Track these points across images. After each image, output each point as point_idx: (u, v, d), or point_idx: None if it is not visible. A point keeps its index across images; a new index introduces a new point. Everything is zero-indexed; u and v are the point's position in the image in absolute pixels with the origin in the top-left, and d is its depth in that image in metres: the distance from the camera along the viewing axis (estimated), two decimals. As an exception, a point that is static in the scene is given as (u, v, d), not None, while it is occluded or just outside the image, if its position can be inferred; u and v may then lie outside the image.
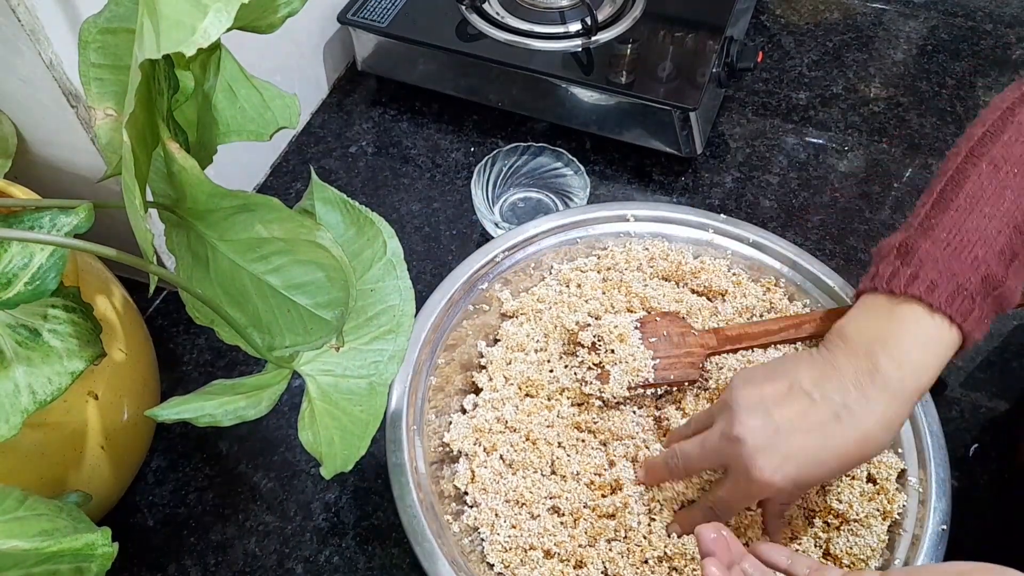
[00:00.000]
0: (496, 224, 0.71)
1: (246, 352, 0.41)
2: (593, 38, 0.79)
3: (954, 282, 0.47)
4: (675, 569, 0.52)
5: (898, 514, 0.53)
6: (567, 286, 0.65)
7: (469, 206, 0.78)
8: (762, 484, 0.47)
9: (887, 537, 0.53)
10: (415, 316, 0.46)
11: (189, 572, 0.57)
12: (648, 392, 0.60)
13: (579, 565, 0.53)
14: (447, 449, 0.58)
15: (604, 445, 0.58)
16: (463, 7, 0.82)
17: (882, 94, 0.89)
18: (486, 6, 0.83)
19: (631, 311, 0.63)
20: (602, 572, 0.52)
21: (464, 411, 0.61)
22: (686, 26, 0.81)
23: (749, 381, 0.50)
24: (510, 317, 0.65)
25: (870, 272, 0.51)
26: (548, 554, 0.53)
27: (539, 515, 0.55)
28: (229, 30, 0.31)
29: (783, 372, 0.49)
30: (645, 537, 0.53)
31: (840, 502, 0.54)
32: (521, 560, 0.53)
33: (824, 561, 0.53)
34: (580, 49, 0.79)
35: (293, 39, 0.79)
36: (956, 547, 0.55)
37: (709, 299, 0.65)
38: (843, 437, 0.46)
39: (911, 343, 0.47)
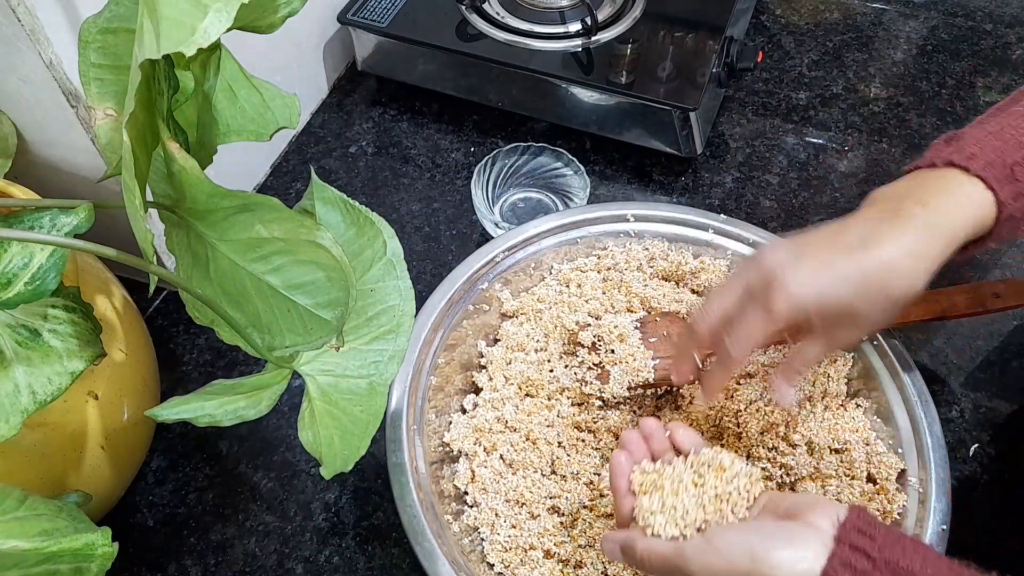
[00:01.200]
0: (496, 224, 0.71)
1: (246, 352, 0.41)
2: (593, 38, 0.79)
3: (994, 154, 0.46)
4: (675, 569, 0.52)
5: (898, 514, 0.53)
6: (567, 286, 0.65)
7: (469, 206, 0.78)
8: (784, 298, 0.46)
9: (887, 537, 0.53)
10: (415, 316, 0.46)
11: (189, 572, 0.57)
12: (648, 392, 0.60)
13: (579, 565, 0.53)
14: (447, 449, 0.58)
15: (604, 445, 0.58)
16: (463, 7, 0.82)
17: (882, 94, 0.89)
18: (486, 6, 0.83)
19: (631, 311, 0.63)
20: (601, 572, 0.52)
21: (464, 411, 0.61)
22: (686, 26, 0.81)
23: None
24: (510, 317, 0.65)
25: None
26: (548, 554, 0.53)
27: (539, 515, 0.55)
28: (229, 30, 0.31)
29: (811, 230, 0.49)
30: (645, 537, 0.53)
31: (840, 502, 0.54)
32: (521, 560, 0.53)
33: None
34: (580, 49, 0.79)
35: (293, 39, 0.79)
36: (956, 547, 0.55)
37: (709, 299, 0.65)
38: (868, 258, 0.45)
39: (942, 194, 0.47)
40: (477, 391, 0.62)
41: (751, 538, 0.40)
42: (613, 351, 0.59)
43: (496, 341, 0.64)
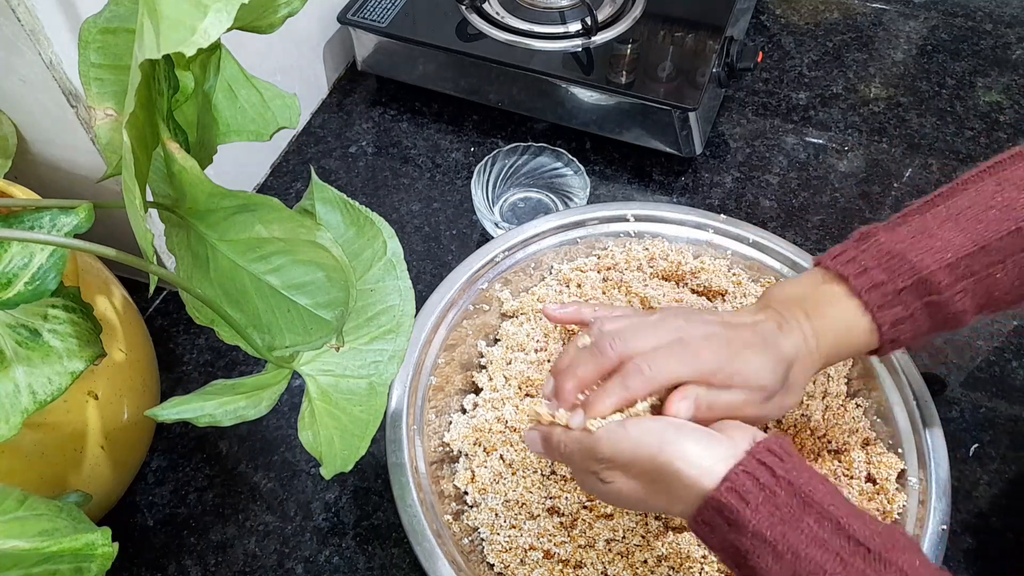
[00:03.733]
0: (496, 224, 0.71)
1: (246, 352, 0.41)
2: (593, 38, 0.79)
3: (886, 274, 0.45)
4: (673, 569, 0.52)
5: (898, 514, 0.53)
6: (567, 286, 0.65)
7: (469, 206, 0.78)
8: (644, 381, 0.44)
9: (887, 537, 0.53)
10: (415, 316, 0.46)
11: (189, 572, 0.57)
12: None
13: (578, 565, 0.53)
14: (447, 449, 0.58)
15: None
16: (463, 7, 0.82)
17: (882, 94, 0.89)
18: (486, 6, 0.83)
19: (631, 311, 0.63)
20: (601, 572, 0.52)
21: (464, 411, 0.61)
22: (686, 26, 0.81)
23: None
24: (510, 317, 0.65)
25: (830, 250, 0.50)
26: (547, 554, 0.53)
27: (538, 515, 0.55)
28: (229, 30, 0.31)
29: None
30: (643, 537, 0.53)
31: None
32: (521, 560, 0.53)
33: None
34: (580, 49, 0.79)
35: (293, 39, 0.79)
36: (956, 547, 0.55)
37: (709, 299, 0.65)
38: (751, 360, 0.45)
39: (826, 307, 0.46)
40: (477, 391, 0.62)
41: (667, 428, 0.41)
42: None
43: (496, 341, 0.64)
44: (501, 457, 0.57)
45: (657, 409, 0.44)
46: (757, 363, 0.44)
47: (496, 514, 0.55)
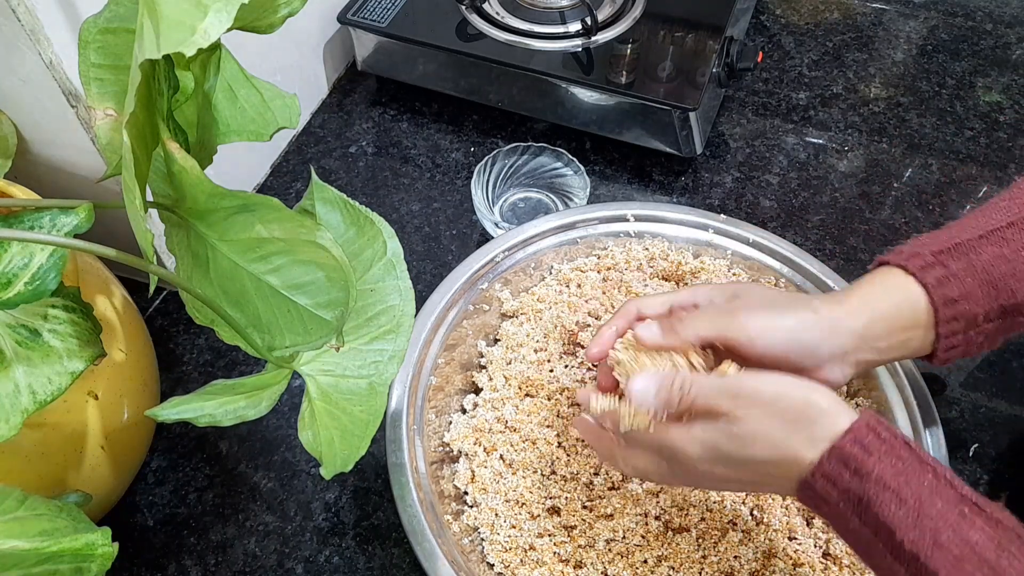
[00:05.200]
0: (496, 224, 0.71)
1: (246, 352, 0.41)
2: (593, 38, 0.79)
3: (919, 248, 0.48)
4: (673, 569, 0.52)
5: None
6: (567, 286, 0.65)
7: (469, 206, 0.78)
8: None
9: (887, 537, 0.53)
10: (415, 316, 0.46)
11: (189, 572, 0.57)
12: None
13: (579, 565, 0.53)
14: (447, 449, 0.58)
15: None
16: (463, 7, 0.82)
17: (882, 94, 0.89)
18: (486, 6, 0.83)
19: (631, 311, 0.63)
20: (601, 572, 0.52)
21: (464, 411, 0.61)
22: (686, 26, 0.81)
23: None
24: (510, 317, 0.65)
25: None
26: (548, 554, 0.53)
27: (539, 515, 0.55)
28: (229, 30, 0.31)
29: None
30: (643, 537, 0.53)
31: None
32: (521, 560, 0.53)
33: (823, 561, 0.53)
34: (580, 49, 0.79)
35: (293, 39, 0.79)
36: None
37: (709, 299, 0.65)
38: (803, 311, 0.48)
39: (867, 283, 0.49)
40: (477, 391, 0.62)
41: (801, 381, 0.42)
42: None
43: (496, 341, 0.64)
44: (501, 457, 0.57)
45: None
46: (786, 326, 0.47)
47: (496, 514, 0.55)
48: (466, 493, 0.57)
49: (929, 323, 0.47)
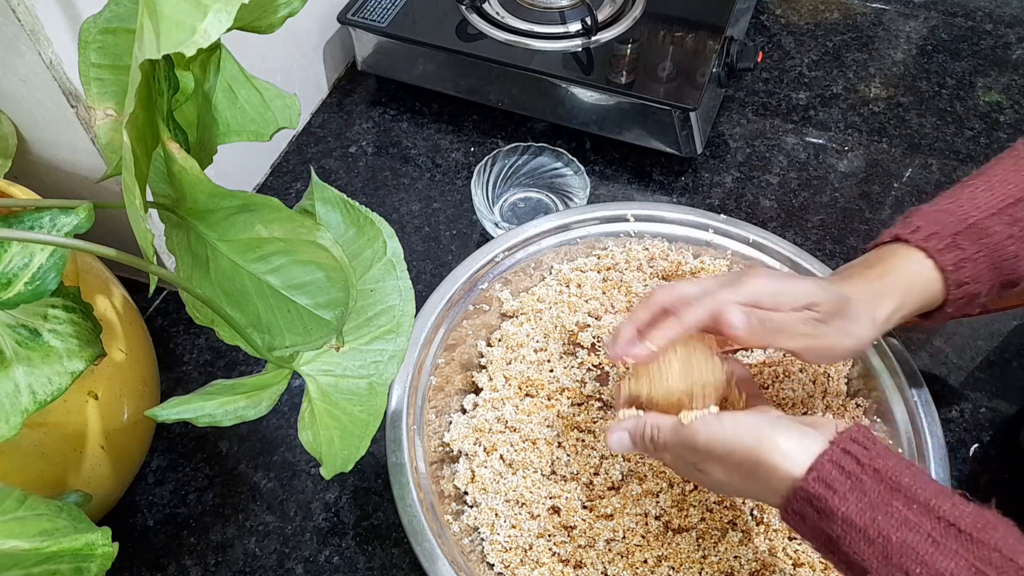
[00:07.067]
0: (496, 224, 0.71)
1: (246, 352, 0.41)
2: (593, 38, 0.79)
3: (937, 227, 0.49)
4: (673, 569, 0.52)
5: None
6: (567, 286, 0.65)
7: (469, 206, 0.78)
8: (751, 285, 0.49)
9: (887, 537, 0.53)
10: (415, 316, 0.46)
11: (189, 572, 0.57)
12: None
13: (579, 565, 0.53)
14: (447, 449, 0.58)
15: (603, 446, 0.58)
16: (463, 7, 0.82)
17: (882, 94, 0.89)
18: (486, 6, 0.83)
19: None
20: (601, 572, 0.52)
21: (464, 411, 0.61)
22: (686, 26, 0.81)
23: None
24: (510, 317, 0.65)
25: None
26: (548, 554, 0.53)
27: (539, 515, 0.55)
28: (229, 30, 0.31)
29: None
30: (643, 537, 0.53)
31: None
32: (521, 560, 0.53)
33: (823, 561, 0.53)
34: (580, 49, 0.79)
35: (293, 39, 0.79)
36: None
37: (709, 299, 0.65)
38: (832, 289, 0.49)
39: (888, 262, 0.50)
40: (477, 391, 0.62)
41: (762, 423, 0.42)
42: (613, 351, 0.59)
43: (497, 341, 0.64)
44: (501, 457, 0.57)
45: (722, 407, 0.47)
46: (802, 286, 0.48)
47: (496, 514, 0.55)
48: (466, 493, 0.57)
49: (936, 302, 0.49)
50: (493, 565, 0.53)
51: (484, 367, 0.63)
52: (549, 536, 0.54)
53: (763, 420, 0.42)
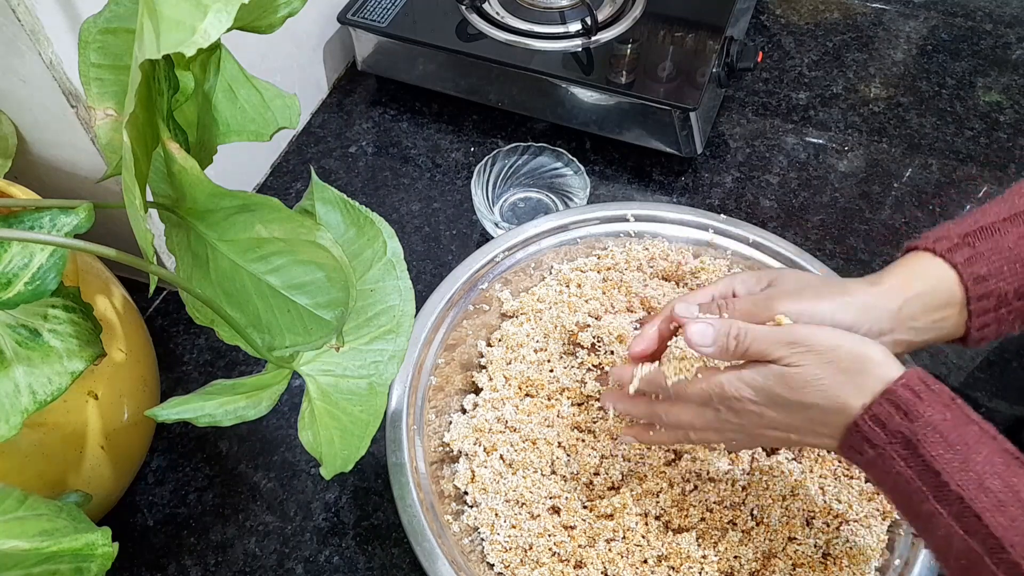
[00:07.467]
0: (496, 224, 0.71)
1: (246, 352, 0.41)
2: (593, 38, 0.79)
3: (945, 232, 0.49)
4: (673, 569, 0.52)
5: (898, 514, 0.53)
6: (567, 286, 0.65)
7: (469, 206, 0.78)
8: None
9: (887, 537, 0.53)
10: (415, 316, 0.46)
11: (189, 572, 0.57)
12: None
13: (579, 565, 0.53)
14: (447, 449, 0.58)
15: (603, 445, 0.58)
16: (463, 7, 0.82)
17: (882, 94, 0.89)
18: (486, 6, 0.83)
19: (631, 311, 0.63)
20: (601, 572, 0.52)
21: (464, 411, 0.61)
22: (686, 26, 0.81)
23: None
24: (510, 317, 0.65)
25: None
26: (548, 554, 0.53)
27: (539, 515, 0.55)
28: (229, 30, 0.31)
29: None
30: (644, 537, 0.53)
31: (840, 502, 0.54)
32: (521, 560, 0.53)
33: (823, 561, 0.53)
34: (580, 49, 0.79)
35: (293, 39, 0.79)
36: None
37: (709, 299, 0.65)
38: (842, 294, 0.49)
39: (897, 267, 0.50)
40: (477, 391, 0.62)
41: (845, 333, 0.44)
42: (612, 352, 0.59)
43: (496, 341, 0.64)
44: (501, 457, 0.57)
45: None
46: (826, 310, 0.47)
47: (496, 514, 0.55)
48: (466, 493, 0.57)
49: (961, 302, 0.48)
50: (493, 565, 0.53)
51: (484, 367, 0.63)
52: (549, 536, 0.54)
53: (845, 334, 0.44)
